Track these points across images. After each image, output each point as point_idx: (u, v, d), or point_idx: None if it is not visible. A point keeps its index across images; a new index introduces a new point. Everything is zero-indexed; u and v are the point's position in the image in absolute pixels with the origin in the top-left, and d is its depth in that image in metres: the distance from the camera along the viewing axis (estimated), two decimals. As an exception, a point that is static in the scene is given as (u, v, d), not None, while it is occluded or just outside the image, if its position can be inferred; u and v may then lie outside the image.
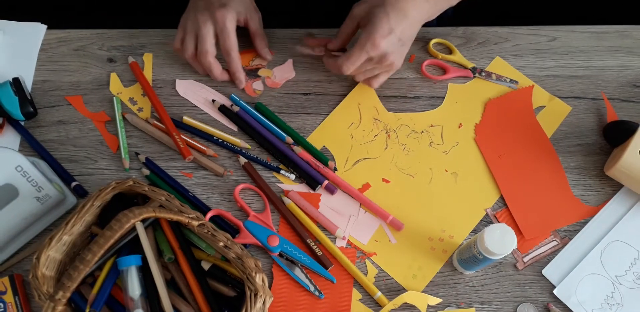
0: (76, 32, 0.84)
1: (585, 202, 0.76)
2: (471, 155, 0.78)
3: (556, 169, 0.78)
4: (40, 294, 0.62)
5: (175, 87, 0.81)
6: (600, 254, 0.73)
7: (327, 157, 0.77)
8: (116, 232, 0.62)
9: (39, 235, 0.72)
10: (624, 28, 0.86)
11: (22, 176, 0.70)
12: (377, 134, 0.79)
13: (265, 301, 0.63)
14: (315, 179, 0.75)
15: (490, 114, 0.80)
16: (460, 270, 0.71)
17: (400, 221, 0.73)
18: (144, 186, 0.68)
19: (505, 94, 0.81)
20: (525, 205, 0.75)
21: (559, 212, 0.75)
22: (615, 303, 0.71)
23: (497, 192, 0.76)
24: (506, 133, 0.79)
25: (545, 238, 0.74)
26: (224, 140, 0.77)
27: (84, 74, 0.81)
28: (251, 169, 0.76)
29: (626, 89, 0.82)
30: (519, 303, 0.71)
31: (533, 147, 0.78)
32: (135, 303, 0.64)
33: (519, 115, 0.80)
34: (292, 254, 0.71)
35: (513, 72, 0.83)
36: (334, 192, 0.75)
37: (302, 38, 0.82)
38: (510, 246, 0.61)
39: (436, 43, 0.85)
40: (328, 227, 0.74)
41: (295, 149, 0.77)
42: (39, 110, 0.79)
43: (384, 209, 0.74)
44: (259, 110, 0.80)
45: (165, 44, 0.83)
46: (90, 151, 0.77)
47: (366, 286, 0.71)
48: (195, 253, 0.69)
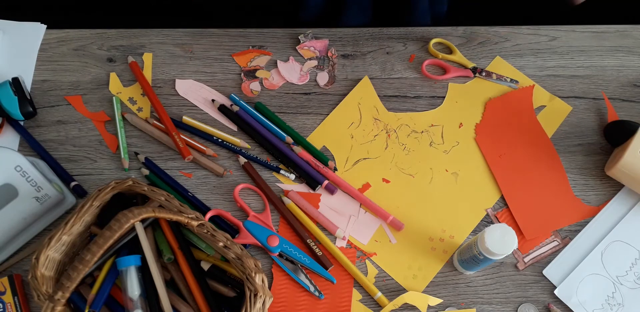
0: (76, 32, 0.84)
1: (586, 202, 0.76)
2: (472, 155, 0.78)
3: (557, 169, 0.77)
4: (39, 295, 0.62)
5: (175, 87, 0.81)
6: (601, 255, 0.73)
7: (327, 157, 0.77)
8: (115, 232, 0.62)
9: (38, 235, 0.72)
10: (624, 28, 0.86)
11: (22, 175, 0.70)
12: (377, 134, 0.79)
13: (265, 301, 0.62)
14: (315, 179, 0.75)
15: (491, 114, 0.80)
16: (461, 270, 0.71)
17: (400, 221, 0.73)
18: (143, 185, 0.68)
19: (505, 94, 0.81)
20: (525, 205, 0.75)
21: (559, 213, 0.75)
22: (616, 303, 0.71)
23: (498, 192, 0.76)
24: (507, 133, 0.79)
25: (546, 238, 0.74)
26: (224, 140, 0.77)
27: (83, 74, 0.81)
28: (251, 169, 0.76)
29: (627, 88, 0.82)
30: (520, 303, 0.71)
31: (533, 147, 0.78)
32: (135, 303, 0.63)
33: (519, 115, 0.80)
34: (292, 255, 0.71)
35: (513, 72, 0.83)
36: (334, 192, 0.75)
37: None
38: (511, 246, 0.61)
39: (436, 43, 0.84)
40: (328, 228, 0.73)
41: (295, 149, 0.77)
42: (38, 110, 0.79)
43: (384, 209, 0.74)
44: (258, 110, 0.79)
45: (164, 43, 0.83)
46: (90, 151, 0.77)
47: (366, 287, 0.71)
48: (195, 253, 0.69)
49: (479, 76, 0.82)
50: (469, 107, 0.81)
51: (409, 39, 0.85)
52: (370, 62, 0.83)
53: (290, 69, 0.82)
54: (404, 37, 0.85)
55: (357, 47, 0.84)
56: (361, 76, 0.82)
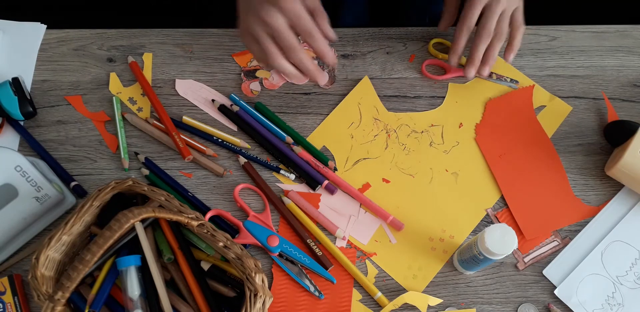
0: (76, 32, 0.84)
1: (586, 202, 0.76)
2: (472, 155, 0.78)
3: (557, 169, 0.77)
4: (39, 295, 0.62)
5: (175, 87, 0.81)
6: (601, 255, 0.73)
7: (327, 157, 0.77)
8: (115, 232, 0.62)
9: (38, 235, 0.72)
10: (624, 28, 0.86)
11: (22, 175, 0.70)
12: (377, 134, 0.79)
13: (265, 301, 0.62)
14: (315, 179, 0.75)
15: (491, 114, 0.80)
16: (461, 270, 0.71)
17: (400, 221, 0.73)
18: (143, 185, 0.68)
19: (505, 94, 0.81)
20: (525, 205, 0.75)
21: (559, 212, 0.75)
22: (616, 303, 0.71)
23: (498, 192, 0.76)
24: (507, 133, 0.79)
25: (546, 238, 0.74)
26: (224, 140, 0.77)
27: (83, 74, 0.81)
28: (251, 169, 0.76)
29: (627, 88, 0.82)
30: (520, 303, 0.71)
31: (534, 147, 0.78)
32: (135, 303, 0.63)
33: (519, 115, 0.80)
34: (292, 255, 0.71)
35: (513, 72, 0.83)
36: (334, 192, 0.75)
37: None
38: (511, 246, 0.61)
39: (436, 43, 0.84)
40: (328, 228, 0.73)
41: (295, 149, 0.77)
42: (38, 110, 0.79)
43: (384, 209, 0.74)
44: (258, 110, 0.79)
45: (164, 43, 0.83)
46: (90, 151, 0.77)
47: (366, 286, 0.71)
48: (195, 253, 0.69)
49: (478, 76, 0.82)
50: (469, 107, 0.81)
51: (409, 39, 0.85)
52: (370, 62, 0.83)
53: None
54: (404, 37, 0.85)
55: (357, 47, 0.84)
56: (361, 76, 0.82)
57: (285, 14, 0.64)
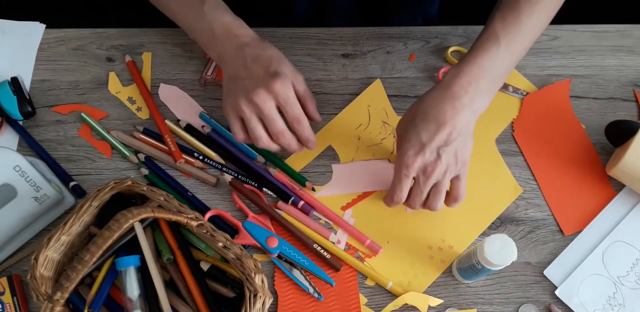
0: (75, 32, 0.84)
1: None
2: (474, 160, 0.75)
3: (594, 163, 0.77)
4: (38, 295, 0.61)
5: (158, 91, 0.79)
6: (602, 255, 0.73)
7: (304, 177, 0.75)
8: (114, 232, 0.61)
9: (37, 235, 0.72)
10: (624, 27, 0.86)
11: (21, 175, 0.70)
12: (384, 138, 0.78)
13: (265, 301, 0.62)
14: (293, 200, 0.73)
15: (528, 109, 0.79)
16: (459, 279, 0.71)
17: (377, 245, 0.72)
18: (142, 185, 0.68)
19: (542, 89, 0.80)
20: (563, 201, 0.75)
21: (596, 207, 0.75)
22: (617, 304, 0.71)
23: (503, 203, 0.75)
24: (544, 128, 0.78)
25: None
26: (208, 158, 0.76)
27: (82, 74, 0.81)
28: (239, 186, 0.73)
29: (627, 88, 0.82)
30: (521, 304, 0.71)
31: (570, 142, 0.78)
32: (134, 304, 0.63)
33: (556, 110, 0.79)
34: (291, 256, 0.71)
35: (513, 72, 0.82)
36: (309, 213, 0.73)
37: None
38: (510, 257, 0.61)
39: (454, 51, 0.83)
40: (322, 234, 0.73)
41: (272, 171, 0.75)
42: (37, 109, 0.78)
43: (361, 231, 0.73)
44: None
45: (164, 43, 0.83)
46: (89, 151, 0.77)
47: (376, 279, 0.70)
48: (194, 254, 0.69)
49: None
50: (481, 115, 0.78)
51: (409, 38, 0.84)
52: (371, 62, 0.83)
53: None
54: (404, 37, 0.84)
55: (357, 47, 0.84)
56: (361, 76, 0.82)
57: (276, 97, 0.65)
